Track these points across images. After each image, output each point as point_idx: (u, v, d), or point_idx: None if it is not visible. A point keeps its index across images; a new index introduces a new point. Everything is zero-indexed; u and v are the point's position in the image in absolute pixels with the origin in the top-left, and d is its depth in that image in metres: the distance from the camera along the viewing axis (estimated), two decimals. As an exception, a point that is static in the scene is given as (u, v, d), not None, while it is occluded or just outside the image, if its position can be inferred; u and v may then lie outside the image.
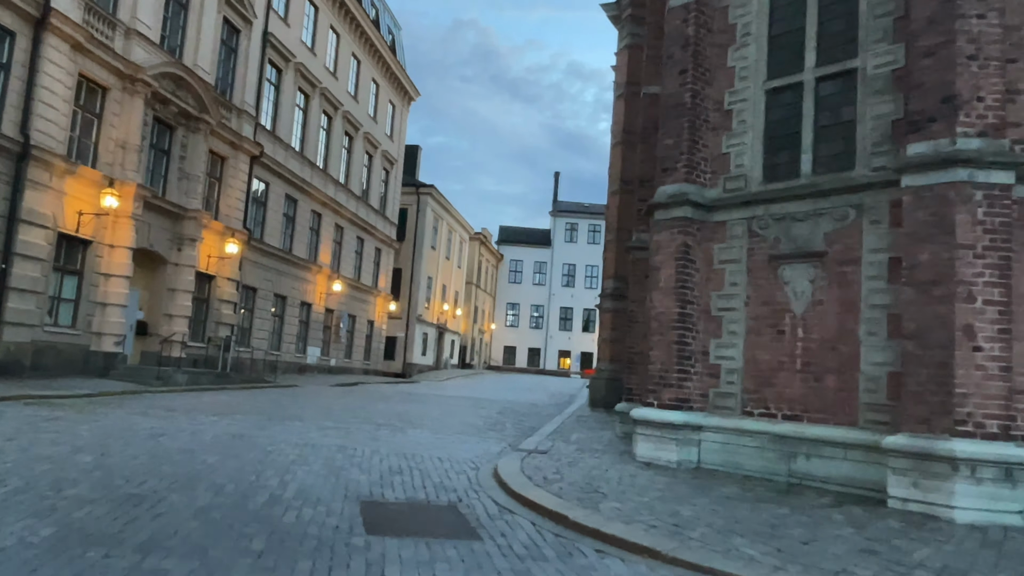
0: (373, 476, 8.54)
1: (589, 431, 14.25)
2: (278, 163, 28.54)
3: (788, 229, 9.47)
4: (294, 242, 30.67)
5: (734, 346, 9.80)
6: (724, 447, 9.63)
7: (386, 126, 40.68)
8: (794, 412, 9.12)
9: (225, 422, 12.66)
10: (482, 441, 12.79)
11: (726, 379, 9.82)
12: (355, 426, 13.43)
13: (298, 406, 17.03)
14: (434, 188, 47.59)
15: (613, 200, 20.88)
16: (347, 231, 35.96)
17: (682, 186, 10.24)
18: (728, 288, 9.97)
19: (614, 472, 9.17)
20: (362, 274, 38.23)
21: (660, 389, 10.04)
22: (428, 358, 50.44)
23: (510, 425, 16.11)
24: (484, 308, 66.73)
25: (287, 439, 11.00)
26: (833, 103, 9.42)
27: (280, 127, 28.94)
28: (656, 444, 9.86)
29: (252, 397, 18.97)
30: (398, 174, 43.00)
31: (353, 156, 36.24)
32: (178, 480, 7.43)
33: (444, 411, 18.41)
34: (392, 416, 15.94)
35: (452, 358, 56.91)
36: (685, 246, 10.13)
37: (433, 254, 49.51)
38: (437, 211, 49.66)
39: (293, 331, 31.13)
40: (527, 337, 70.32)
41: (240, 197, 26.02)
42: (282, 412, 15.13)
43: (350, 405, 18.27)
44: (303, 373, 31.44)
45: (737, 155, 10.19)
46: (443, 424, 15.02)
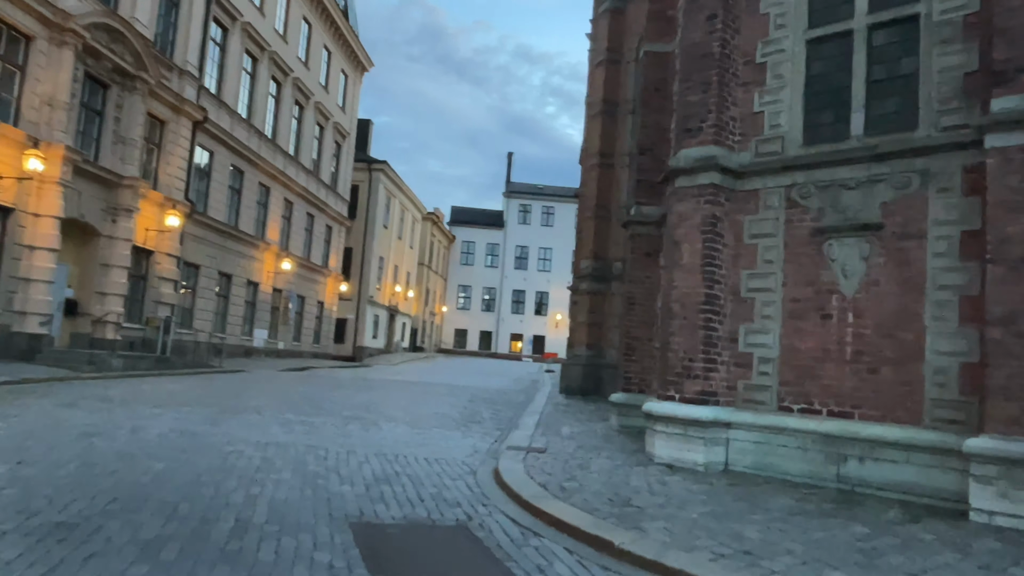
0: (358, 486, 7.07)
1: (579, 423, 12.97)
2: (223, 130, 26.43)
3: (836, 198, 8.26)
4: (240, 216, 28.61)
5: (769, 332, 8.58)
6: (757, 447, 8.42)
7: (338, 96, 38.59)
8: (843, 408, 7.94)
9: (171, 416, 10.98)
10: (465, 435, 11.40)
11: (759, 369, 8.60)
12: (320, 419, 11.88)
13: (251, 395, 15.34)
14: (387, 165, 45.67)
15: (590, 175, 19.58)
16: (297, 207, 33.93)
17: (709, 148, 8.95)
18: (761, 266, 8.74)
19: (637, 478, 7.87)
20: (312, 253, 36.26)
21: (683, 381, 8.77)
22: (379, 341, 48.66)
23: (488, 415, 14.73)
24: (435, 290, 65.05)
25: (246, 437, 9.42)
26: (890, 55, 8.22)
27: (226, 92, 26.80)
28: (679, 443, 8.60)
29: (197, 384, 17.17)
30: (350, 148, 40.97)
31: (304, 127, 34.16)
32: (118, 499, 5.85)
33: (411, 400, 16.93)
34: (358, 407, 14.39)
35: (403, 341, 55.19)
36: (713, 218, 8.85)
37: (385, 233, 47.64)
38: (390, 189, 47.75)
39: (239, 312, 29.13)
40: (479, 320, 68.91)
41: (182, 166, 23.91)
42: (235, 402, 13.46)
43: (308, 394, 16.63)
44: (249, 357, 29.49)
45: (772, 114, 8.93)
46: (416, 416, 13.55)
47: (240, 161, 28.18)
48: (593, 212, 19.23)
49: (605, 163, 19.28)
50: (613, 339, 18.69)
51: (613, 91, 19.47)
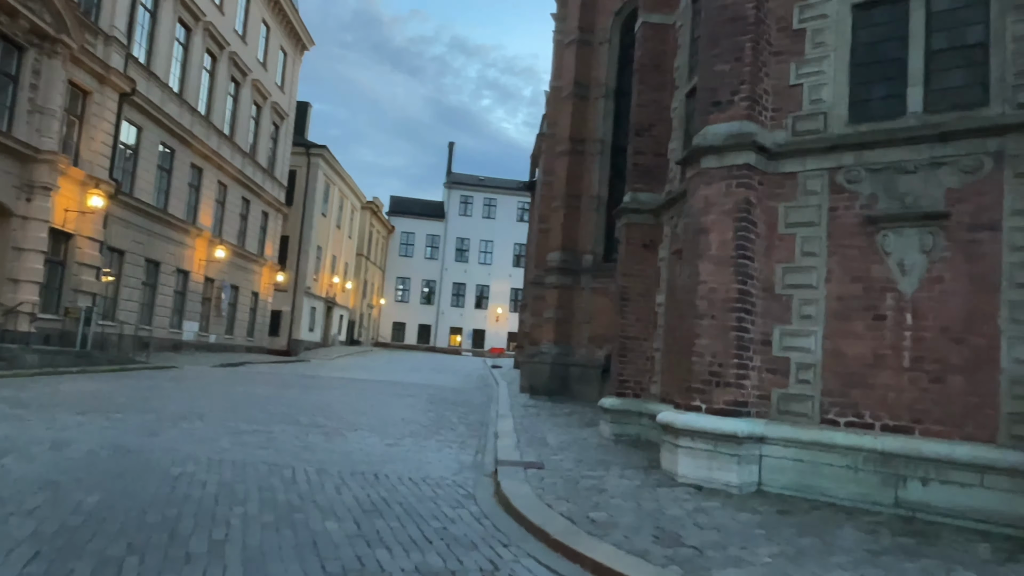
0: (345, 522, 5.72)
1: (563, 430, 11.79)
2: (153, 104, 24.27)
3: (891, 183, 7.26)
4: (170, 199, 26.45)
5: (809, 334, 7.54)
6: (796, 466, 7.38)
7: (276, 75, 36.46)
8: (901, 423, 6.95)
9: (99, 425, 9.34)
10: (442, 446, 10.10)
11: (798, 377, 7.56)
12: (275, 427, 10.38)
13: (189, 397, 13.66)
14: (326, 149, 43.64)
15: (560, 162, 18.40)
16: (231, 190, 31.79)
17: (743, 124, 7.85)
18: (801, 259, 7.69)
19: (670, 504, 6.71)
20: (247, 240, 34.13)
21: (711, 389, 7.66)
22: (315, 334, 46.61)
23: (456, 420, 13.43)
24: (373, 282, 63.06)
25: (194, 453, 7.91)
26: (953, 22, 7.25)
27: (156, 63, 24.63)
28: (707, 461, 7.49)
29: (125, 383, 15.33)
30: (288, 130, 38.85)
31: (240, 105, 32.01)
32: (40, 555, 4.37)
33: (368, 402, 15.47)
34: (313, 410, 12.89)
35: (340, 334, 53.17)
36: (747, 203, 7.76)
37: (323, 222, 45.59)
38: (329, 175, 45.71)
39: (167, 303, 26.97)
40: (417, 313, 67.21)
41: (107, 141, 21.74)
42: (172, 407, 11.81)
43: (253, 395, 15.00)
44: (178, 351, 27.38)
45: (812, 88, 7.88)
46: (380, 422, 12.16)
47: (171, 139, 26.02)
48: (563, 201, 18.06)
49: (576, 149, 18.13)
50: (582, 336, 17.61)
51: (584, 73, 18.32)
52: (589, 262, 17.75)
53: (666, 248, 10.63)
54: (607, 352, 17.21)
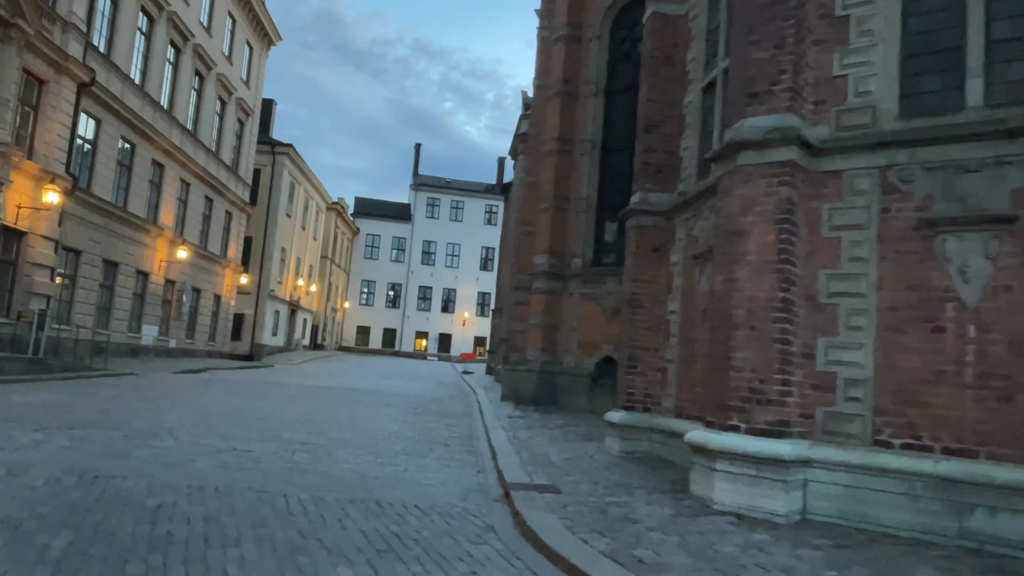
0: (359, 567, 4.92)
1: (565, 445, 11.04)
2: (113, 96, 23.00)
3: (950, 183, 6.65)
4: (130, 197, 25.15)
5: (858, 347, 6.90)
6: (845, 492, 6.72)
7: (242, 70, 35.19)
8: (964, 445, 6.34)
9: (60, 444, 8.35)
10: (440, 465, 9.30)
11: (846, 394, 6.91)
12: (256, 445, 9.46)
13: (155, 409, 12.63)
14: (292, 148, 42.43)
15: (548, 162, 17.69)
16: (194, 188, 30.49)
17: (785, 117, 7.19)
18: (847, 265, 7.05)
19: (719, 538, 5.99)
20: (210, 240, 32.80)
21: (751, 407, 6.98)
22: (279, 339, 45.28)
23: (445, 433, 12.61)
24: (338, 284, 61.73)
25: (171, 479, 6.99)
26: (1017, 9, 6.68)
27: (117, 53, 23.36)
28: (748, 487, 6.80)
29: (83, 393, 14.21)
30: (254, 128, 37.59)
31: (204, 100, 30.73)
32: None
33: (348, 413, 14.55)
34: (292, 424, 11.96)
35: (304, 339, 51.81)
36: (789, 203, 7.10)
37: (288, 223, 44.32)
38: (294, 175, 44.46)
39: (126, 306, 25.65)
40: (382, 317, 65.99)
41: (63, 134, 20.46)
42: (139, 421, 10.79)
43: (225, 406, 13.98)
44: (136, 357, 26.05)
45: (859, 79, 7.26)
46: (368, 437, 11.28)
47: (132, 133, 24.74)
48: (550, 203, 17.35)
49: (564, 149, 17.44)
50: (570, 344, 16.92)
51: (573, 70, 17.66)
52: (578, 266, 17.06)
53: (680, 252, 9.96)
54: (597, 360, 16.56)
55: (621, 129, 17.33)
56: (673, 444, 9.46)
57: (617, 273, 16.40)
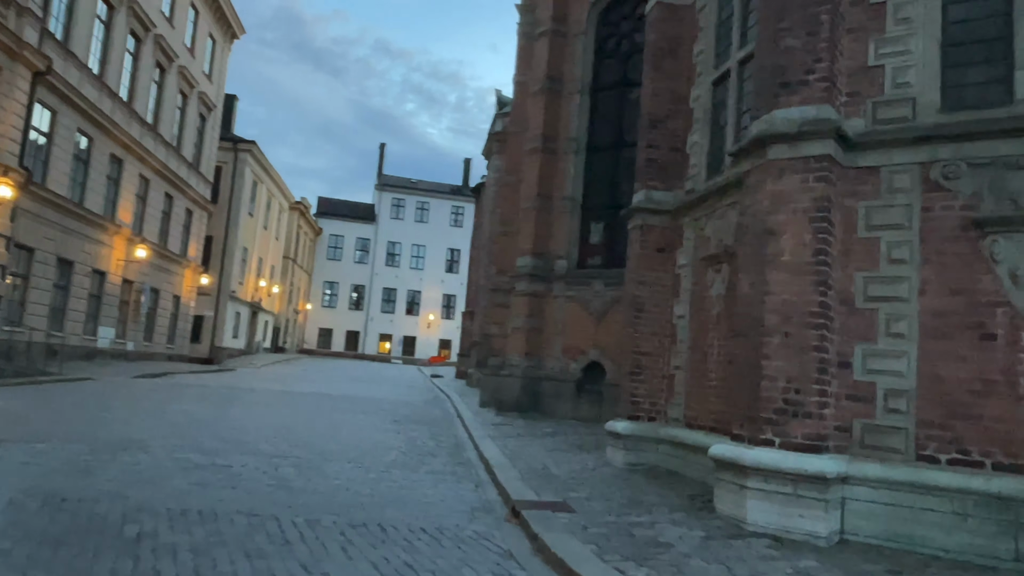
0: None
1: (562, 456, 10.48)
2: (70, 86, 21.85)
3: (1000, 181, 6.24)
4: (87, 192, 23.97)
5: (900, 355, 6.44)
6: (888, 511, 6.26)
7: (204, 63, 34.01)
8: (1018, 460, 5.92)
9: (18, 460, 7.54)
10: (436, 480, 8.67)
11: (887, 405, 6.45)
12: (235, 459, 8.72)
13: (120, 418, 11.76)
14: (255, 145, 41.26)
15: (531, 161, 17.13)
16: (154, 185, 29.30)
17: (821, 108, 6.72)
18: (887, 267, 6.60)
19: (764, 565, 5.45)
20: (169, 239, 31.59)
21: (786, 420, 6.48)
22: (239, 341, 43.99)
23: (432, 444, 11.95)
24: (300, 286, 60.42)
25: (148, 501, 6.25)
26: (1069, -5, 6.30)
27: (75, 41, 22.21)
28: (785, 507, 6.29)
29: (41, 401, 13.25)
30: (216, 123, 36.39)
31: (165, 93, 29.56)
32: None
33: (325, 421, 13.79)
34: (270, 434, 11.19)
35: (264, 341, 50.50)
36: (826, 200, 6.62)
37: (250, 222, 43.09)
38: (257, 173, 43.26)
39: (81, 307, 24.44)
40: (345, 319, 64.78)
41: (16, 125, 19.31)
42: (104, 432, 9.95)
43: (194, 415, 13.13)
44: (92, 360, 24.84)
45: (896, 70, 6.82)
46: (351, 447, 10.58)
47: (89, 126, 23.57)
48: (534, 203, 16.79)
49: (548, 147, 16.90)
50: (555, 348, 16.38)
51: (557, 67, 17.14)
52: (562, 268, 16.53)
53: (688, 253, 9.46)
54: (582, 365, 16.04)
55: (607, 128, 16.88)
56: (683, 456, 8.96)
57: (603, 276, 15.94)
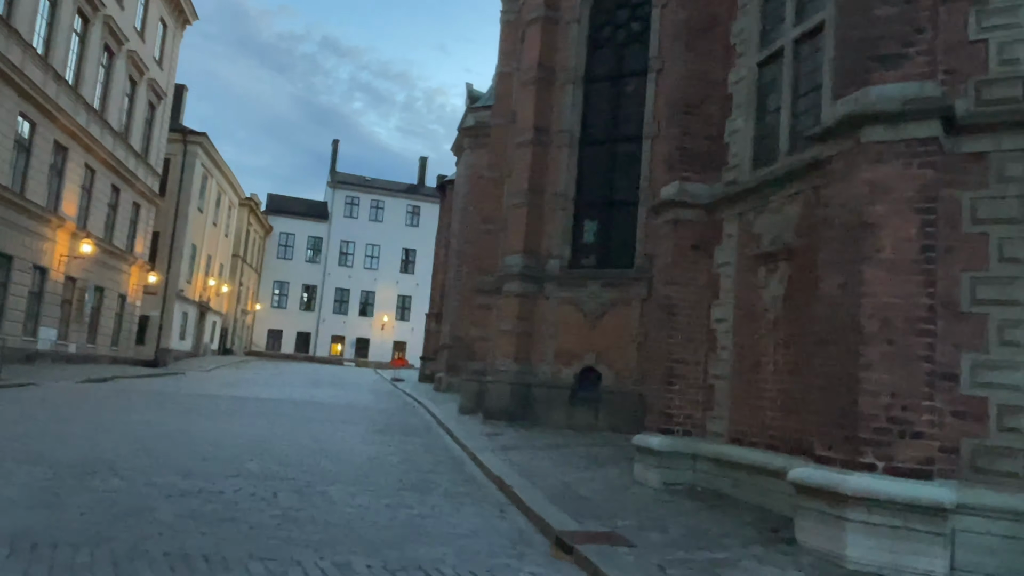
0: None
1: (581, 473, 9.53)
2: (12, 66, 20.08)
3: None
4: (28, 182, 22.15)
5: (1017, 367, 5.66)
6: (1009, 544, 5.47)
7: (155, 48, 32.18)
8: None
9: (-33, 492, 6.26)
10: (455, 505, 7.66)
11: (1001, 423, 5.66)
12: (224, 483, 7.54)
13: (77, 432, 10.40)
14: (205, 137, 39.38)
15: (521, 154, 16.17)
16: (100, 176, 27.46)
17: (925, 85, 5.91)
18: (997, 266, 5.82)
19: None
20: (115, 234, 29.71)
21: (890, 441, 5.64)
22: (186, 343, 41.98)
23: (429, 458, 10.91)
24: (249, 285, 58.29)
25: (136, 542, 5.09)
26: None
27: (18, 16, 20.44)
28: (893, 541, 5.45)
29: (-20, 412, 11.76)
30: (165, 112, 34.52)
31: (113, 78, 27.74)
32: None
33: (306, 432, 12.58)
34: (253, 449, 9.98)
35: (212, 343, 48.43)
36: (933, 189, 5.83)
37: (200, 218, 41.16)
38: (207, 166, 41.37)
39: (21, 305, 22.58)
40: (296, 320, 62.80)
41: (-49, 105, 17.57)
42: (64, 451, 8.63)
43: (160, 426, 11.78)
44: (33, 363, 23.01)
45: (1004, 45, 6.05)
46: (348, 465, 9.45)
47: (32, 110, 21.78)
48: (524, 198, 15.82)
49: (540, 140, 15.96)
50: (546, 352, 15.44)
51: (550, 55, 16.21)
52: (555, 268, 15.60)
53: (731, 251, 8.60)
54: (576, 371, 15.16)
55: (601, 121, 16.04)
56: (732, 476, 8.09)
57: (600, 276, 15.09)
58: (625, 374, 14.54)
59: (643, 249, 14.72)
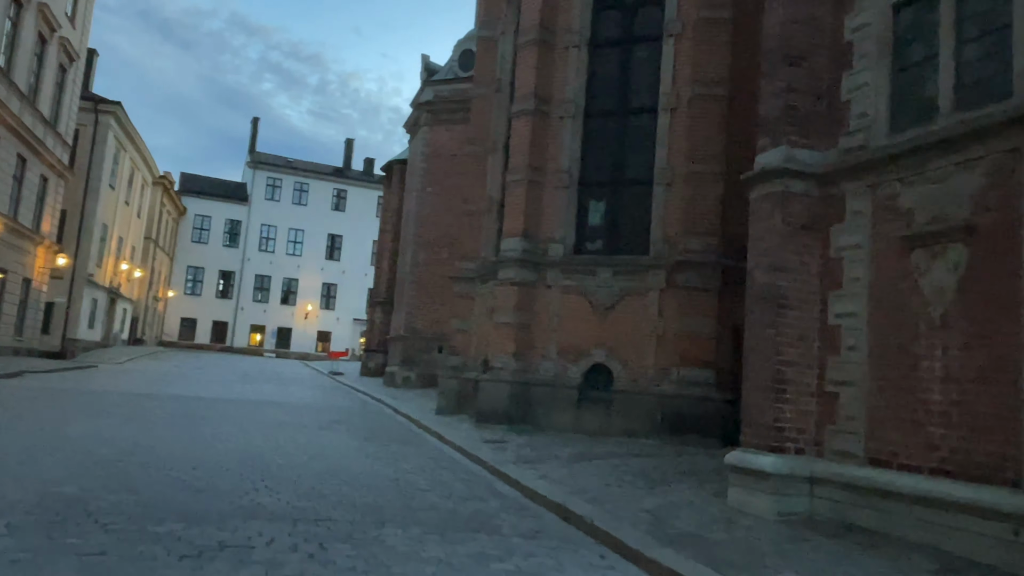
0: None
1: (649, 495, 7.92)
2: (-99, 5, 16.94)
3: None
4: (-81, 145, 18.92)
5: None
6: None
7: (67, 3, 28.69)
8: None
9: None
10: (548, 551, 6.03)
11: None
12: (246, 529, 5.58)
13: (12, 450, 8.09)
14: (120, 107, 35.74)
15: (522, 124, 14.41)
16: (4, 144, 24.09)
17: None
18: None
19: None
20: (20, 210, 26.28)
21: None
22: (96, 332, 38.27)
23: (448, 475, 9.09)
24: (161, 271, 54.22)
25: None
26: None
27: (-94, -53, 17.26)
28: None
29: None
30: (78, 77, 30.91)
31: (21, 33, 24.32)
32: None
33: (292, 444, 10.50)
34: (254, 475, 7.91)
35: (123, 332, 44.60)
36: None
37: (111, 195, 37.48)
38: (121, 139, 37.69)
39: (-92, 288, 19.33)
40: (212, 308, 58.89)
41: None
42: (7, 482, 6.41)
43: (113, 440, 9.47)
44: (-78, 355, 19.78)
45: None
46: (375, 493, 7.56)
47: (-77, 60, 18.56)
48: (524, 175, 14.08)
49: (540, 110, 14.24)
50: (548, 348, 13.80)
51: (552, 16, 14.48)
52: (557, 253, 13.94)
53: (859, 231, 7.13)
54: (584, 369, 13.60)
55: (608, 91, 14.45)
56: (872, 505, 6.62)
57: (610, 263, 13.57)
58: (640, 372, 13.04)
59: (661, 232, 13.25)
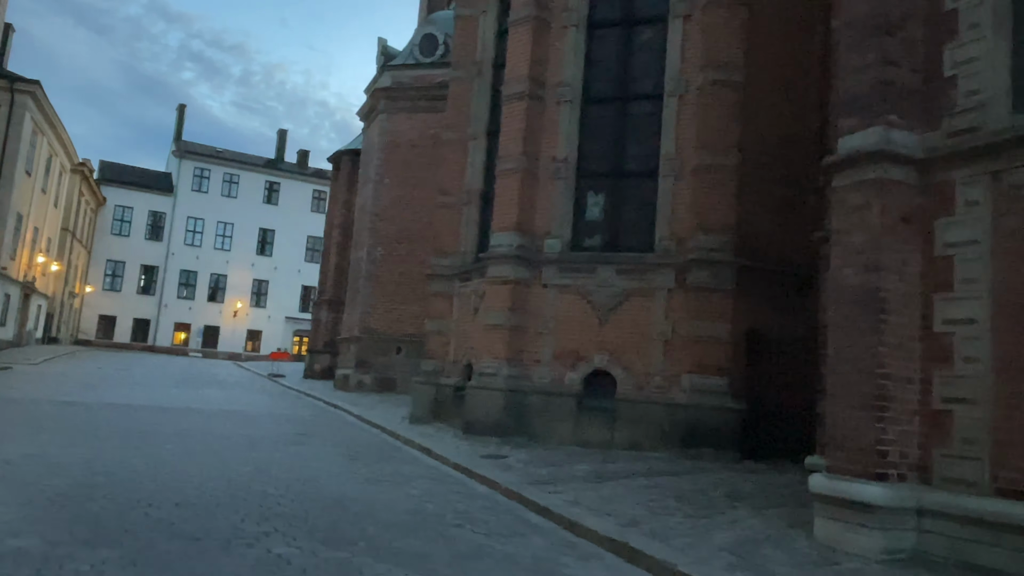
0: None
1: (723, 531, 6.84)
2: None
3: None
4: None
5: None
6: None
7: (-19, -32, 26.05)
8: None
9: None
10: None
11: None
12: None
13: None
14: (38, 87, 32.86)
15: (515, 110, 13.22)
16: (-94, 119, 21.51)
17: None
18: None
19: None
20: (-77, 195, 23.62)
21: None
22: (7, 330, 35.19)
23: (466, 506, 7.86)
24: (78, 265, 50.72)
25: None
26: None
27: None
28: None
29: None
30: (-9, 50, 28.25)
31: (-74, -4, 21.81)
32: None
33: (279, 467, 9.04)
34: (245, 506, 6.48)
35: (36, 330, 41.35)
36: None
37: (27, 182, 34.53)
38: (38, 122, 34.75)
39: None
40: (133, 305, 55.42)
41: None
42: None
43: (63, 464, 7.84)
44: None
45: None
46: (410, 538, 6.25)
47: None
48: (517, 163, 12.88)
49: (535, 94, 13.06)
50: (543, 352, 12.66)
51: (548, -9, 13.34)
52: (553, 250, 12.80)
53: (976, 225, 6.18)
54: (584, 375, 12.52)
55: (607, 76, 13.40)
56: (1004, 543, 5.68)
57: (612, 260, 12.53)
58: (646, 379, 12.03)
59: (667, 228, 12.26)
